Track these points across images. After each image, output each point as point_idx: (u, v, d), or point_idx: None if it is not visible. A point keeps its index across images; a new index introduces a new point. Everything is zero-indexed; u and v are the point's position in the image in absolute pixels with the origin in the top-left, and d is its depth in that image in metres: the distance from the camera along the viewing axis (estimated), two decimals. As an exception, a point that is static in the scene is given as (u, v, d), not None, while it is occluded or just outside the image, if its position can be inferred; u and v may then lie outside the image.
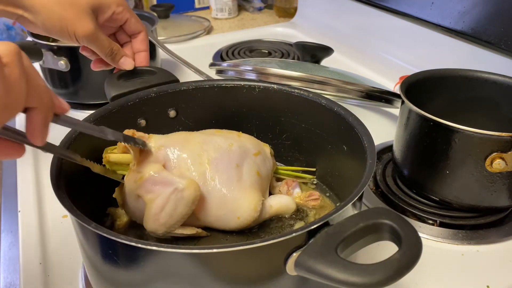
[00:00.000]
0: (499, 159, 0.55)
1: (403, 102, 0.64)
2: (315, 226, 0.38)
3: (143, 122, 0.62)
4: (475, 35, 0.88)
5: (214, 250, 0.36)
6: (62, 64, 0.87)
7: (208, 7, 1.63)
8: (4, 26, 1.43)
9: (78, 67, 0.89)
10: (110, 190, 0.55)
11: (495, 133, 0.54)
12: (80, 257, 0.57)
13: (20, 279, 0.57)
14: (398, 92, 0.65)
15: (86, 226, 0.39)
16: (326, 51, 0.92)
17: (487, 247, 0.60)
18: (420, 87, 0.68)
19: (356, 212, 0.42)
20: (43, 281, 0.56)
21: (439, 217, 0.63)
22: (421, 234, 0.42)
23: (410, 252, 0.35)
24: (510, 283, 0.55)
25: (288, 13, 1.55)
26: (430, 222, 0.64)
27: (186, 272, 0.39)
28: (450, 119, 0.57)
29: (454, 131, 0.57)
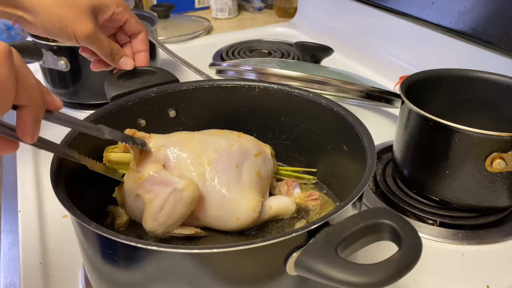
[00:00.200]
0: (499, 159, 0.55)
1: (403, 102, 0.64)
2: (315, 226, 0.38)
3: (143, 122, 0.62)
4: (475, 35, 0.88)
5: (214, 250, 0.36)
6: (62, 64, 0.87)
7: (208, 7, 1.63)
8: (4, 26, 1.43)
9: (78, 67, 0.89)
10: (110, 188, 0.56)
11: (495, 133, 0.54)
12: (80, 257, 0.57)
13: (20, 279, 0.57)
14: (398, 92, 0.65)
15: (86, 226, 0.40)
16: (326, 51, 0.92)
17: (487, 247, 0.60)
18: (420, 87, 0.68)
19: (356, 212, 0.42)
20: (43, 281, 0.56)
21: (439, 217, 0.63)
22: (421, 234, 0.43)
23: (410, 252, 0.35)
24: (510, 283, 0.55)
25: (288, 13, 1.55)
26: (430, 222, 0.64)
27: (186, 272, 0.39)
28: (450, 119, 0.57)
29: (454, 131, 0.57)
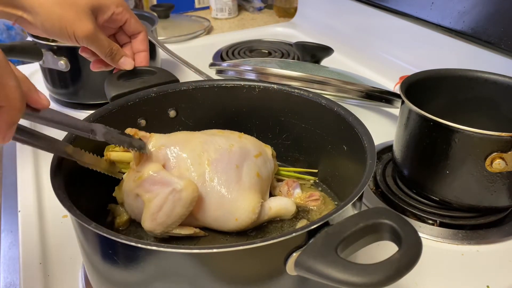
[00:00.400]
0: (499, 159, 0.55)
1: (403, 102, 0.64)
2: (315, 226, 0.38)
3: (143, 122, 0.62)
4: (475, 35, 0.88)
5: (214, 250, 0.36)
6: (62, 64, 0.87)
7: (208, 7, 1.63)
8: (4, 26, 1.43)
9: (78, 67, 0.89)
10: (111, 186, 0.56)
11: (495, 133, 0.54)
12: (80, 257, 0.57)
13: (20, 279, 0.57)
14: (398, 92, 0.65)
15: (86, 226, 0.40)
16: (326, 51, 0.92)
17: (487, 247, 0.60)
18: (420, 87, 0.68)
19: (356, 212, 0.42)
20: (43, 281, 0.56)
21: (439, 217, 0.63)
22: (421, 234, 0.42)
23: (410, 252, 0.35)
24: (510, 283, 0.55)
25: (288, 13, 1.55)
26: (430, 222, 0.64)
27: (185, 272, 0.39)
28: (450, 119, 0.57)
29: (454, 131, 0.57)
